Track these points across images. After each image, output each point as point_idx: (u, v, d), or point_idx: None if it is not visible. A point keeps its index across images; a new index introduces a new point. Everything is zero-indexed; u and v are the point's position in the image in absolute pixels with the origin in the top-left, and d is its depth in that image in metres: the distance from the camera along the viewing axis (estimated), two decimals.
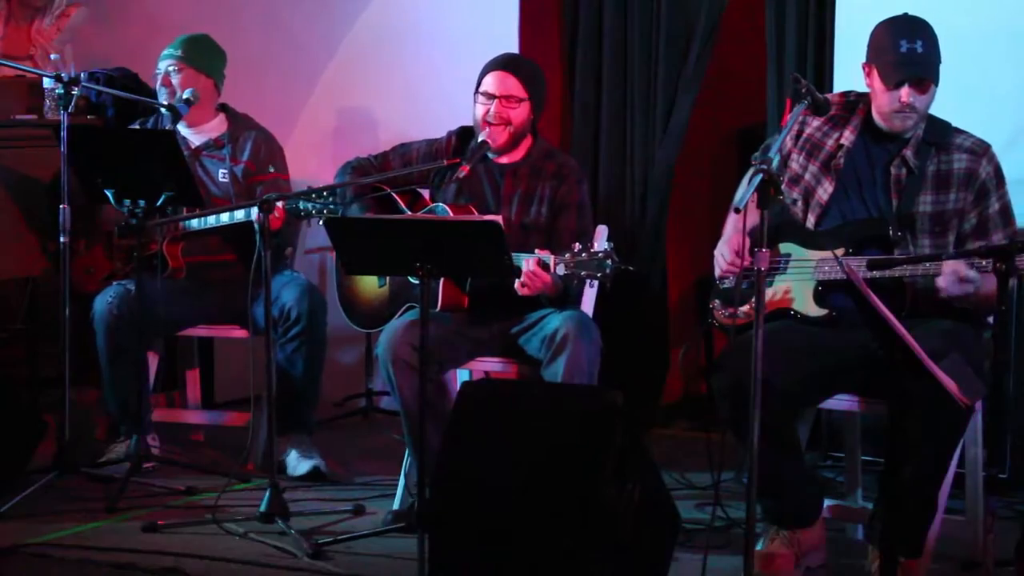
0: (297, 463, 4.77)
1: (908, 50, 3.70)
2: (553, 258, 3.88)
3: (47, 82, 5.37)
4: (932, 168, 3.80)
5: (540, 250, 3.96)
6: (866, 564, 3.77)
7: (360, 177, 4.40)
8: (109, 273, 4.92)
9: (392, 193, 4.35)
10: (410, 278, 4.19)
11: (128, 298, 4.67)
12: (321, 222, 4.01)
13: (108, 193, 4.46)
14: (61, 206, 4.43)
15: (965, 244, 3.77)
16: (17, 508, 4.20)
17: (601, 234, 4.43)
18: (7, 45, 5.74)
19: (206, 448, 5.20)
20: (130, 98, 5.22)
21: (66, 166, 4.45)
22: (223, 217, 4.66)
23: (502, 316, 4.24)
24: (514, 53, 4.58)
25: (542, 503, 3.28)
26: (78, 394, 4.94)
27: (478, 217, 4.16)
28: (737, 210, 3.26)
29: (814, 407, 3.93)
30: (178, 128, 4.91)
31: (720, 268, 3.88)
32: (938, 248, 3.77)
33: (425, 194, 4.45)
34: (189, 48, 4.91)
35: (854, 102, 3.93)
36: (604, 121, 5.54)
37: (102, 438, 5.00)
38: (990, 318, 3.82)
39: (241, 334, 4.86)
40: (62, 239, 4.44)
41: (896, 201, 3.80)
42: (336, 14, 5.96)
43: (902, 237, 3.76)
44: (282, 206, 4.22)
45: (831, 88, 4.84)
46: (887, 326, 3.59)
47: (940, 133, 3.82)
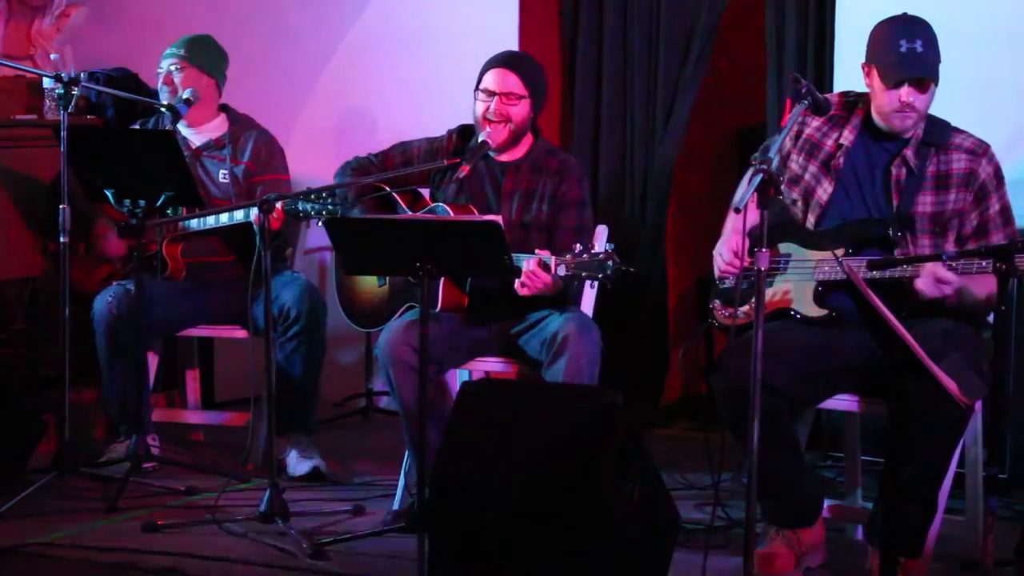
0: (297, 463, 4.77)
1: (908, 50, 3.69)
2: (554, 259, 3.88)
3: (47, 82, 5.37)
4: (932, 168, 3.80)
5: (540, 250, 3.95)
6: (866, 564, 3.77)
7: (360, 177, 4.40)
8: (109, 273, 4.92)
9: (393, 193, 4.35)
10: (410, 278, 4.19)
11: (128, 298, 4.67)
12: (320, 223, 4.01)
13: (108, 193, 4.46)
14: (61, 206, 4.44)
15: (965, 245, 3.77)
16: (17, 508, 4.20)
17: (601, 234, 4.43)
18: (7, 45, 5.74)
19: (206, 448, 5.20)
20: (130, 98, 5.22)
21: (66, 166, 4.45)
22: (223, 218, 4.66)
23: (502, 316, 4.23)
24: (515, 50, 4.57)
25: (542, 503, 3.27)
26: (78, 394, 4.94)
27: (478, 217, 4.15)
28: (737, 210, 3.26)
29: (814, 407, 3.93)
30: (179, 128, 4.91)
31: (719, 268, 3.88)
32: (938, 248, 3.76)
33: (425, 193, 4.45)
34: (192, 48, 4.91)
35: (853, 102, 3.93)
36: (604, 121, 5.54)
37: (102, 438, 5.00)
38: (990, 317, 3.82)
39: (241, 334, 4.86)
40: (62, 239, 4.44)
41: (896, 201, 3.80)
42: (336, 14, 5.96)
43: (902, 237, 3.75)
44: (281, 207, 4.22)
45: (831, 88, 4.84)
46: (887, 326, 3.59)
47: (940, 133, 3.81)
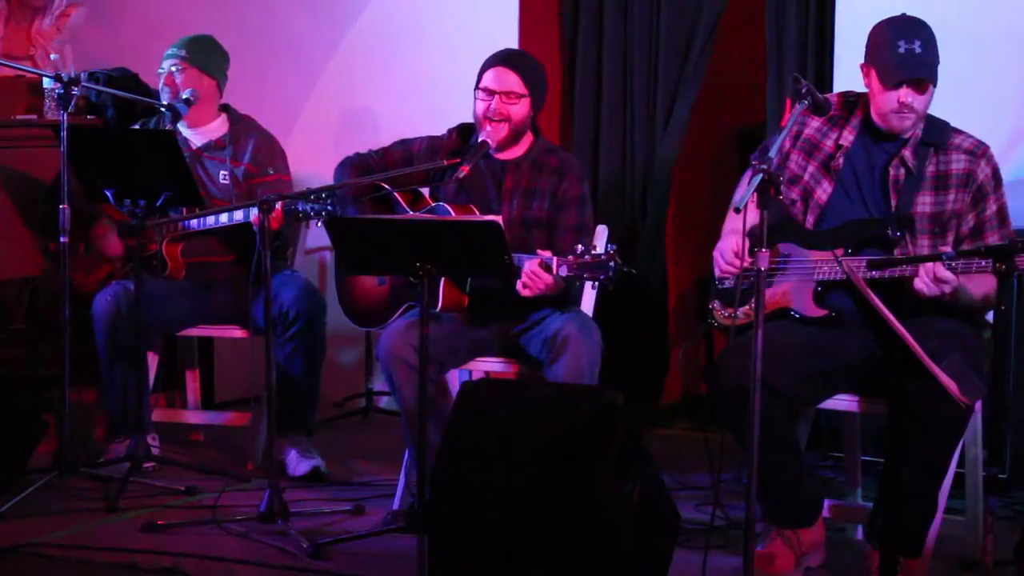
0: (297, 463, 4.77)
1: (907, 51, 3.69)
2: (555, 259, 3.88)
3: (47, 82, 5.37)
4: (931, 169, 3.79)
5: (542, 251, 3.95)
6: (866, 564, 3.77)
7: (360, 173, 4.40)
8: (109, 273, 4.92)
9: (394, 192, 4.34)
10: (411, 278, 4.19)
11: (128, 296, 4.66)
12: (319, 223, 4.01)
13: (108, 193, 4.46)
14: (61, 206, 4.44)
15: (962, 245, 3.76)
16: (17, 508, 4.20)
17: (602, 234, 4.42)
18: (7, 45, 5.74)
19: (206, 448, 5.21)
20: (130, 98, 5.22)
21: (66, 166, 4.45)
22: (222, 218, 4.66)
23: (503, 316, 4.23)
24: (515, 48, 4.57)
25: (542, 503, 3.27)
26: (78, 394, 4.94)
27: (478, 217, 4.15)
28: (737, 210, 3.25)
29: (814, 407, 3.93)
30: (179, 129, 4.91)
31: (720, 268, 3.88)
32: (937, 249, 3.75)
33: (426, 192, 4.44)
34: (193, 48, 4.91)
35: (853, 102, 3.92)
36: (604, 120, 5.55)
37: (101, 438, 5.00)
38: (990, 316, 3.82)
39: (241, 334, 4.86)
40: (62, 239, 4.44)
41: (894, 202, 3.80)
42: (336, 14, 5.96)
43: (901, 237, 3.75)
44: (281, 207, 4.22)
45: (831, 88, 4.84)
46: (887, 326, 3.59)
47: (939, 133, 3.81)
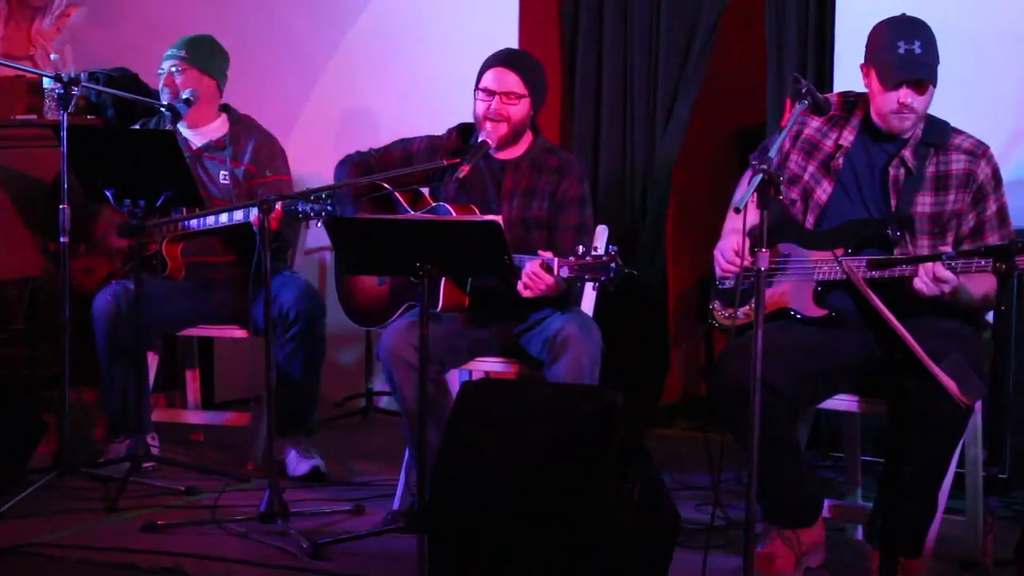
0: (297, 463, 4.77)
1: (906, 51, 3.68)
2: (556, 260, 3.88)
3: (47, 82, 5.37)
4: (931, 169, 3.79)
5: (543, 251, 3.95)
6: (866, 564, 3.77)
7: (360, 172, 4.40)
8: (109, 273, 4.92)
9: (395, 192, 4.34)
10: (411, 278, 4.18)
11: (128, 295, 4.66)
12: (319, 224, 4.01)
13: (108, 193, 4.46)
14: (61, 206, 4.44)
15: (962, 245, 3.76)
16: (17, 508, 4.20)
17: (602, 234, 4.42)
18: (7, 45, 5.74)
19: (206, 448, 5.21)
20: (130, 98, 5.22)
21: (66, 166, 4.45)
22: (222, 218, 4.66)
23: (503, 316, 4.23)
24: (514, 48, 4.56)
25: (542, 503, 3.27)
26: (78, 394, 4.94)
27: (478, 217, 4.15)
28: (737, 210, 3.25)
29: (814, 407, 3.93)
30: (179, 129, 4.91)
31: (721, 268, 3.88)
32: (937, 249, 3.75)
33: (426, 192, 4.44)
34: (192, 48, 4.90)
35: (853, 102, 3.92)
36: (604, 120, 5.54)
37: (102, 438, 5.00)
38: (989, 316, 3.82)
39: (241, 334, 4.86)
40: (62, 239, 4.44)
41: (894, 202, 3.79)
42: (336, 14, 5.96)
43: (901, 237, 3.75)
44: (281, 207, 4.22)
45: (831, 88, 4.84)
46: (887, 326, 3.59)
47: (939, 134, 3.81)
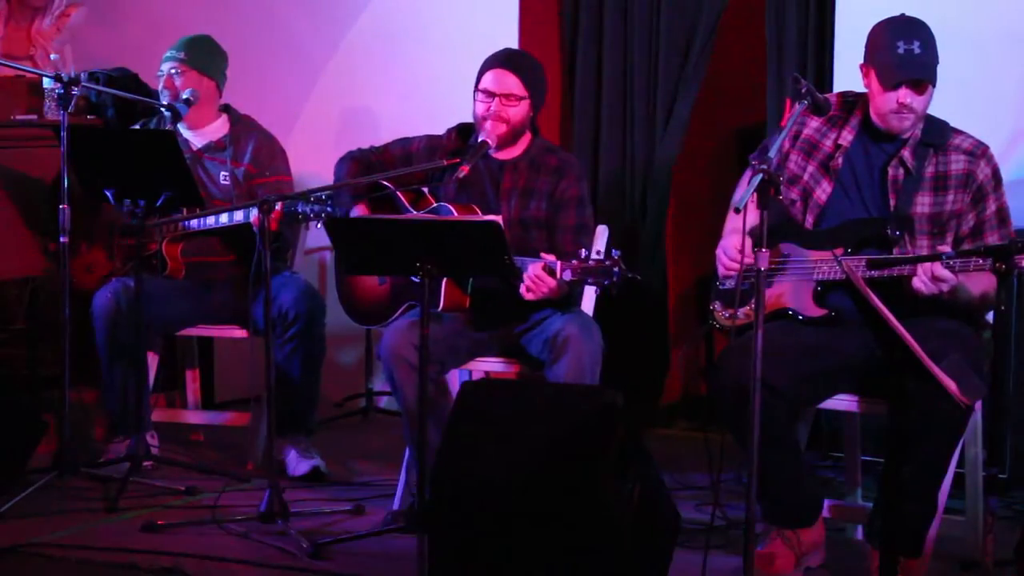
0: (297, 463, 4.77)
1: (906, 51, 3.68)
2: (560, 264, 3.87)
3: (47, 82, 5.37)
4: (930, 169, 3.79)
5: (546, 255, 3.94)
6: (866, 564, 3.77)
7: (360, 168, 4.39)
8: (109, 272, 4.92)
9: (397, 192, 4.33)
10: (412, 278, 4.19)
11: (128, 293, 4.66)
12: (319, 225, 4.00)
13: (108, 193, 4.46)
14: (61, 206, 4.44)
15: (961, 245, 3.75)
16: (17, 508, 4.20)
17: (602, 234, 4.42)
18: (7, 45, 5.74)
19: (206, 448, 5.21)
20: (130, 98, 5.22)
21: (66, 166, 4.45)
22: (222, 218, 4.66)
23: (504, 316, 4.23)
24: (514, 49, 4.55)
25: (542, 503, 3.27)
26: (78, 394, 4.94)
27: (478, 217, 4.15)
28: (737, 210, 3.25)
29: (814, 407, 3.93)
30: (180, 130, 4.91)
31: (723, 265, 3.87)
32: (936, 249, 3.75)
33: (427, 192, 4.43)
34: (191, 50, 4.90)
35: (852, 102, 3.92)
36: (604, 120, 5.54)
37: (102, 438, 5.00)
38: (989, 316, 3.82)
39: (241, 334, 4.86)
40: (62, 239, 4.44)
41: (893, 202, 3.79)
42: (336, 14, 5.96)
43: (900, 236, 3.74)
44: (280, 208, 4.21)
45: (831, 88, 4.84)
46: (887, 326, 3.59)
47: (938, 134, 3.80)
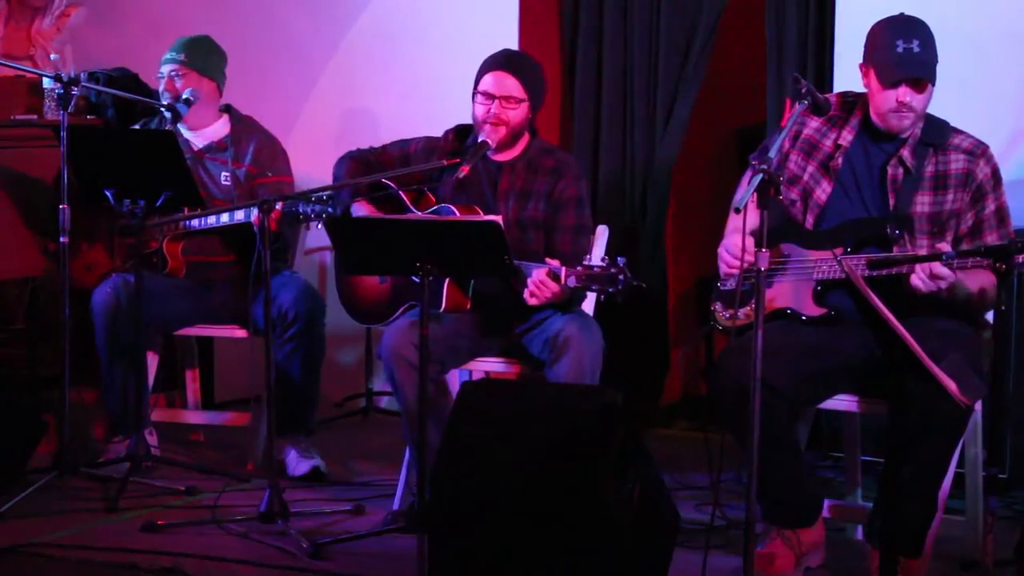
0: (297, 463, 4.77)
1: (905, 50, 3.69)
2: (565, 270, 3.87)
3: (47, 82, 5.37)
4: (930, 168, 3.79)
5: (551, 260, 3.94)
6: (866, 564, 3.77)
7: (360, 168, 4.39)
8: (109, 271, 4.92)
9: (399, 191, 4.33)
10: (413, 278, 4.18)
11: (128, 289, 4.65)
12: (319, 226, 4.00)
13: (108, 193, 4.46)
14: (61, 206, 4.44)
15: (960, 245, 3.75)
16: (17, 508, 4.20)
17: (602, 235, 4.42)
18: (7, 45, 5.74)
19: (206, 448, 5.21)
20: (130, 98, 5.22)
21: (66, 166, 4.45)
22: (223, 218, 4.66)
23: (505, 317, 4.23)
24: (512, 50, 4.55)
25: (542, 503, 3.28)
26: (78, 394, 4.94)
27: (477, 217, 4.14)
28: (737, 210, 3.25)
29: (814, 407, 3.93)
30: (181, 130, 4.91)
31: (726, 264, 3.86)
32: (935, 248, 3.75)
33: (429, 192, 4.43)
34: (191, 51, 4.89)
35: (852, 102, 3.92)
36: (604, 120, 5.54)
37: (102, 438, 5.00)
38: (989, 316, 3.82)
39: (241, 334, 4.86)
40: (62, 239, 4.44)
41: (892, 201, 3.79)
42: (336, 14, 5.96)
43: (900, 236, 3.74)
44: (280, 208, 4.21)
45: (831, 88, 4.84)
46: (887, 326, 3.59)
47: (938, 133, 3.81)
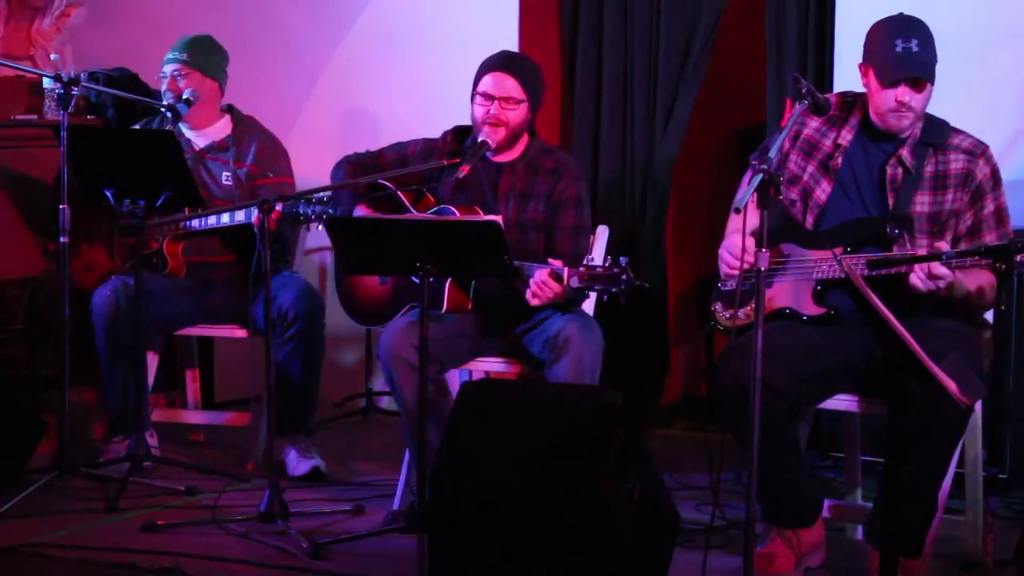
0: (297, 463, 4.77)
1: (904, 50, 3.69)
2: (567, 271, 3.87)
3: (47, 82, 5.37)
4: (929, 168, 3.79)
5: (553, 260, 3.94)
6: (866, 564, 3.77)
7: (357, 173, 4.39)
8: (109, 271, 4.92)
9: (398, 192, 4.33)
10: (413, 278, 4.18)
11: (128, 291, 4.66)
12: (320, 228, 4.00)
13: (108, 193, 4.46)
14: (61, 206, 4.44)
15: (958, 244, 3.75)
16: (17, 508, 4.20)
17: (602, 235, 4.42)
18: (7, 45, 5.74)
19: (206, 448, 5.21)
20: (130, 98, 5.22)
21: (66, 166, 4.45)
22: (224, 218, 4.66)
23: (506, 317, 4.23)
24: (511, 51, 4.55)
25: (542, 503, 3.28)
26: (78, 394, 4.94)
27: (477, 217, 4.15)
28: (737, 210, 3.25)
29: (814, 407, 3.93)
30: (182, 130, 4.91)
31: (727, 265, 3.86)
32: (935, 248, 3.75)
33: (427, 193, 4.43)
34: (193, 51, 4.89)
35: (851, 102, 3.92)
36: (604, 121, 5.54)
37: (102, 438, 5.00)
38: (989, 316, 3.82)
39: (241, 334, 4.86)
40: (62, 239, 4.44)
41: (891, 201, 3.79)
42: (336, 14, 5.96)
43: (899, 235, 3.74)
44: (280, 209, 4.21)
45: (831, 88, 4.84)
46: (887, 326, 3.59)
47: (938, 133, 3.81)
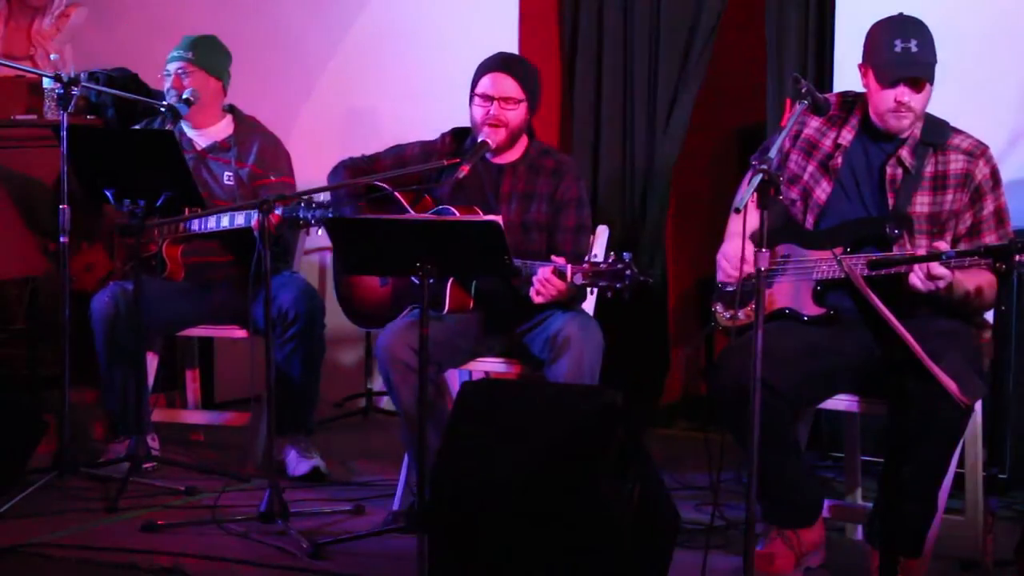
0: (297, 463, 4.77)
1: (903, 50, 3.69)
2: (570, 267, 3.87)
3: (47, 82, 5.37)
4: (929, 169, 3.79)
5: (556, 257, 3.95)
6: (866, 564, 3.77)
7: (355, 176, 4.38)
8: (108, 272, 4.92)
9: (395, 193, 4.33)
10: (413, 279, 4.18)
11: (126, 296, 4.66)
12: (319, 231, 4.00)
13: (108, 193, 4.46)
14: (61, 206, 4.44)
15: (958, 245, 3.75)
16: (17, 508, 4.20)
17: (602, 234, 4.42)
18: (7, 45, 5.74)
19: (206, 448, 5.21)
20: (130, 98, 5.22)
21: (66, 166, 4.45)
22: (224, 222, 4.65)
23: (507, 316, 4.23)
24: (508, 52, 4.55)
25: (542, 503, 3.28)
26: (78, 394, 4.94)
27: (477, 217, 4.14)
28: (737, 210, 3.25)
29: (814, 407, 3.93)
30: (184, 130, 4.91)
31: (724, 272, 3.87)
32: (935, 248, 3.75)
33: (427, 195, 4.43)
34: (198, 50, 4.89)
35: (852, 102, 3.92)
36: (604, 121, 5.54)
37: (101, 438, 5.00)
38: (989, 316, 3.82)
39: (241, 334, 4.86)
40: (62, 239, 4.44)
41: (891, 201, 3.79)
42: (336, 14, 5.96)
43: (899, 235, 3.74)
44: (280, 213, 4.21)
45: (831, 88, 4.84)
46: (887, 326, 3.59)
47: (938, 133, 3.81)
